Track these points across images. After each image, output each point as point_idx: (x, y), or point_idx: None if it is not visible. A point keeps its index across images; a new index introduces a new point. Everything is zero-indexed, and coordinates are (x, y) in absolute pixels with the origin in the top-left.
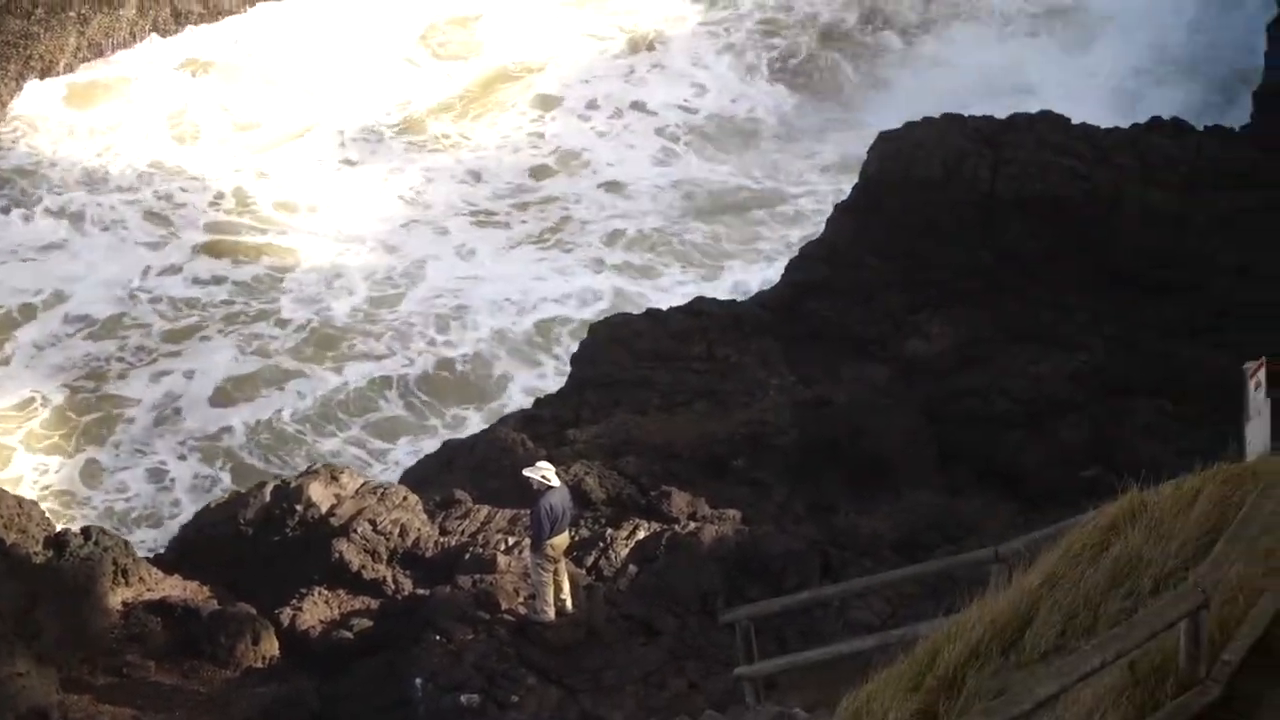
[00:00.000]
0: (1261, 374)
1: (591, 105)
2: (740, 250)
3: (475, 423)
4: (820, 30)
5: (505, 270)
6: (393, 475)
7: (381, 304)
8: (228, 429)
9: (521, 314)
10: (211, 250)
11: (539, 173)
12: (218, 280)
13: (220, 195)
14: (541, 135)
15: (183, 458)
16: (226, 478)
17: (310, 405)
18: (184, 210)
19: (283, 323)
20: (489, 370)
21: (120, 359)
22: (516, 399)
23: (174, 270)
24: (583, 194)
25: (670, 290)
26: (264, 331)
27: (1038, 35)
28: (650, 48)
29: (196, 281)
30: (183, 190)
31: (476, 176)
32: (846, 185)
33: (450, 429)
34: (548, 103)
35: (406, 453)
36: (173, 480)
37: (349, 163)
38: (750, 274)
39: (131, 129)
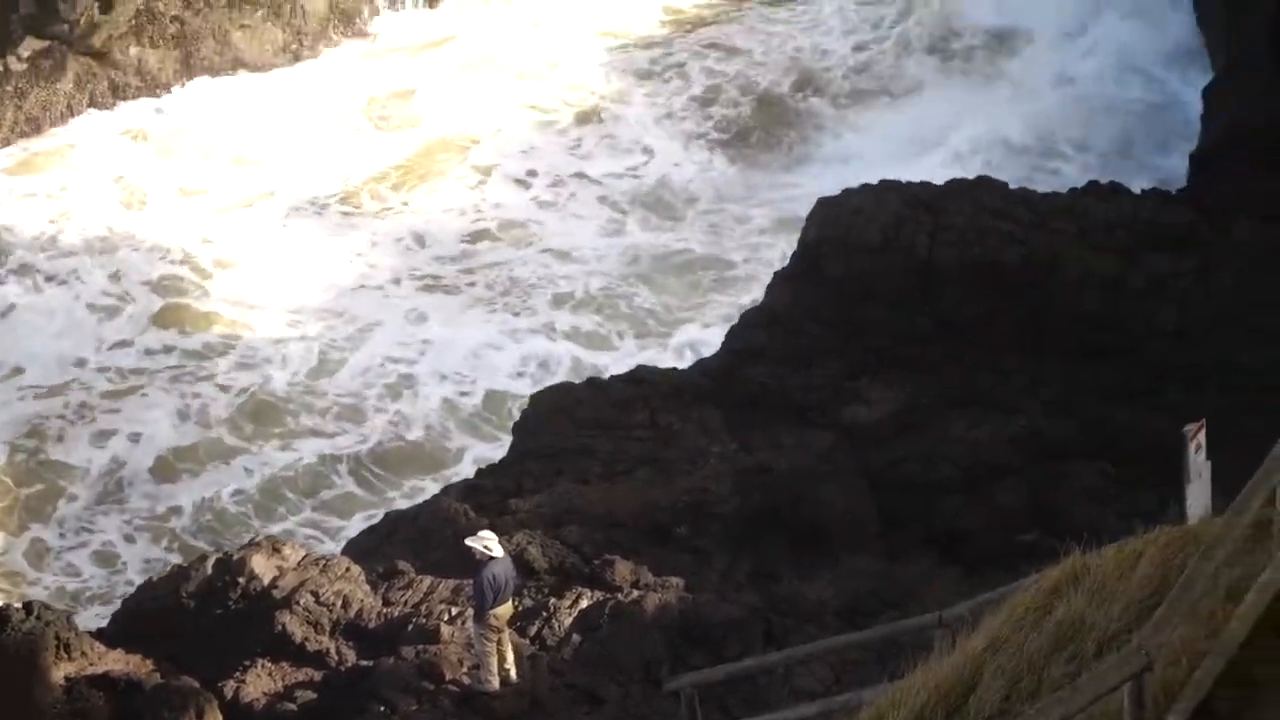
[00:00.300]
0: (1201, 436)
1: (534, 174)
2: (689, 315)
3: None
4: (757, 98)
5: (455, 336)
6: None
7: (331, 373)
8: (175, 509)
9: (474, 384)
10: (161, 317)
11: (484, 238)
12: (167, 349)
13: (169, 261)
14: (486, 203)
15: (129, 538)
16: (177, 559)
17: (259, 483)
18: (135, 275)
19: (231, 391)
20: (443, 442)
21: (62, 417)
22: (470, 471)
23: (125, 344)
24: (529, 259)
25: (624, 360)
26: (211, 400)
27: (966, 100)
28: (599, 120)
29: (148, 352)
30: (134, 251)
31: (421, 242)
32: (789, 249)
33: (409, 500)
34: (493, 172)
35: (362, 529)
36: (124, 564)
37: (295, 230)
38: (704, 335)
39: (80, 195)
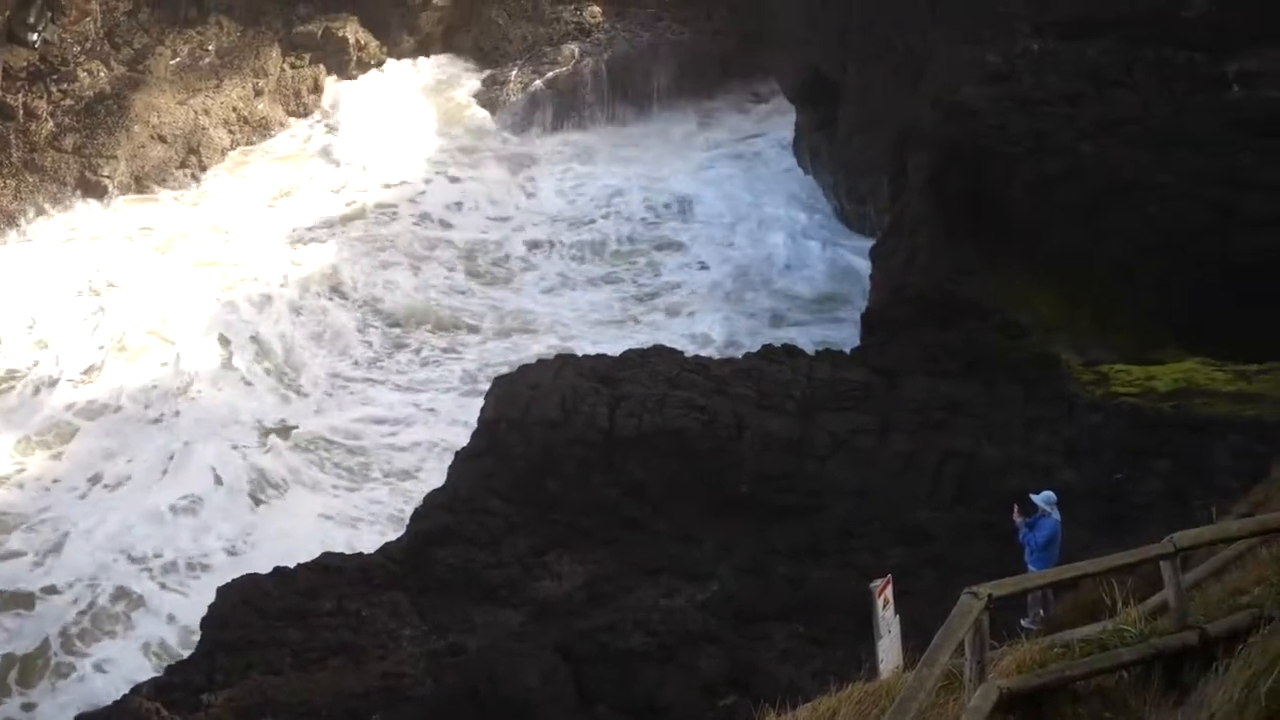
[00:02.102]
0: (889, 591)
1: (225, 340)
2: (380, 492)
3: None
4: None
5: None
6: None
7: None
8: None
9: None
10: None
11: (183, 396)
12: None
13: None
14: (181, 372)
15: None
16: None
17: None
18: None
19: None
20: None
21: None
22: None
23: None
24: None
25: (307, 543)
26: None
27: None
28: (268, 300)
29: None
30: None
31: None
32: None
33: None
34: (179, 342)
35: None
36: None
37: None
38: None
39: None
